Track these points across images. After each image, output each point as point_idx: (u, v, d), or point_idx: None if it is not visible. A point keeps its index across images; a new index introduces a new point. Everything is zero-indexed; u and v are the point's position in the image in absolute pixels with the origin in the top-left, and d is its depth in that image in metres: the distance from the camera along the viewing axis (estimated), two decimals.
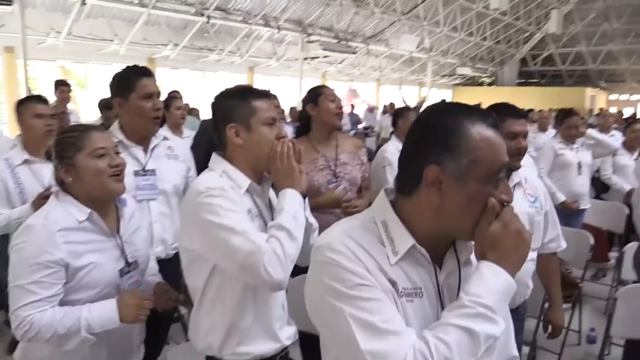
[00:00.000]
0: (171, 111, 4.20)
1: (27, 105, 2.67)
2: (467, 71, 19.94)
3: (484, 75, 22.32)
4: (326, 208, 2.42)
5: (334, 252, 0.96)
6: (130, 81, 2.13)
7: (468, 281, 0.95)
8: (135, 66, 2.21)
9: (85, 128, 1.67)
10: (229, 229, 1.39)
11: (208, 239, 1.42)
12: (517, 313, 2.19)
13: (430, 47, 17.64)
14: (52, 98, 5.20)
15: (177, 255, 1.63)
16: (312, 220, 1.65)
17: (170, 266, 1.62)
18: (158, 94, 2.19)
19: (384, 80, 19.42)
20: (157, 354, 2.32)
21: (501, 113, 2.05)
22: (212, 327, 1.52)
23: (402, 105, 9.77)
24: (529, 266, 2.16)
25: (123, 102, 2.14)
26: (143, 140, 2.21)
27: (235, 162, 1.55)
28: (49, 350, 1.58)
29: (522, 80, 23.17)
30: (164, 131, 4.16)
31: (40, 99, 2.76)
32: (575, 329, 3.53)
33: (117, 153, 1.68)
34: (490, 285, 0.92)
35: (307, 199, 1.60)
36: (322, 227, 1.26)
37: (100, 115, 4.88)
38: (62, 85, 5.06)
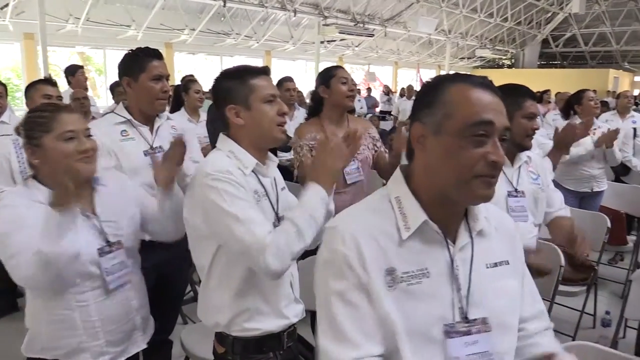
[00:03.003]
0: (190, 94, 4.25)
1: (36, 87, 2.90)
2: (486, 53, 19.64)
3: (504, 57, 21.92)
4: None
5: (333, 252, 1.01)
6: (141, 62, 2.14)
7: None
8: (146, 48, 2.22)
9: (56, 108, 1.59)
10: (232, 216, 1.40)
11: (212, 221, 1.44)
12: None
13: (449, 29, 17.36)
14: (65, 84, 5.24)
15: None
16: (332, 207, 1.60)
17: (183, 244, 1.64)
18: (167, 76, 2.21)
19: (402, 64, 19.22)
20: (169, 331, 2.37)
21: (521, 94, 2.12)
22: (219, 304, 1.54)
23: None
24: (531, 242, 2.17)
25: (132, 82, 2.16)
26: (148, 120, 2.24)
27: (239, 142, 1.56)
28: (48, 338, 1.57)
29: (544, 62, 22.70)
30: (181, 115, 4.24)
31: (49, 82, 2.96)
32: (590, 312, 3.49)
33: (89, 136, 1.60)
34: None
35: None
36: (338, 208, 1.28)
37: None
38: (80, 69, 5.17)
